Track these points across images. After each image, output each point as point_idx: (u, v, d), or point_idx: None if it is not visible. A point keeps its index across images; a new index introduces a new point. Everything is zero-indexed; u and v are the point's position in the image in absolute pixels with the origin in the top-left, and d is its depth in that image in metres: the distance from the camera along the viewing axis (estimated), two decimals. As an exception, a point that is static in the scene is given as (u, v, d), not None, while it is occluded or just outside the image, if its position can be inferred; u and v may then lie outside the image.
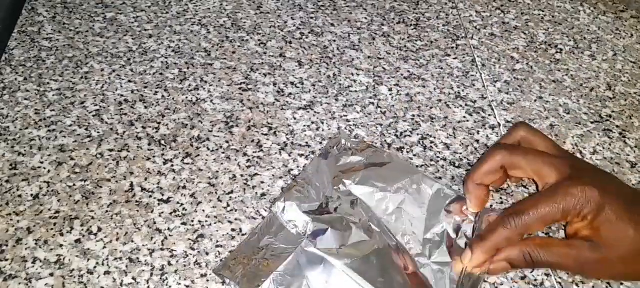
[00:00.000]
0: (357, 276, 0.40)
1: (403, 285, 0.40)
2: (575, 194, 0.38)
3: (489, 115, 0.54)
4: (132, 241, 0.42)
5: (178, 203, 0.45)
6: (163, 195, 0.46)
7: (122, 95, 0.54)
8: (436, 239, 0.43)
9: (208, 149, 0.49)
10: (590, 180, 0.38)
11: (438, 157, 0.50)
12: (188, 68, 0.57)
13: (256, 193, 0.46)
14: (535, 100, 0.56)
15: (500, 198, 0.47)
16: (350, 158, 0.48)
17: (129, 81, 0.55)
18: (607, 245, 0.38)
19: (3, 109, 0.52)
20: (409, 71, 0.58)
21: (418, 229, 0.43)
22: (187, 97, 0.54)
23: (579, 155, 0.51)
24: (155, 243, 0.42)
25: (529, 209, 0.38)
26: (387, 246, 0.42)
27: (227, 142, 0.50)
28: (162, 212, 0.44)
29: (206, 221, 0.44)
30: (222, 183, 0.47)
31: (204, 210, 0.45)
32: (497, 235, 0.39)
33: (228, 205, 0.45)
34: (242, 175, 0.47)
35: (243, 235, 0.43)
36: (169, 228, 0.43)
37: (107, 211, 0.44)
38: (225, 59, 0.58)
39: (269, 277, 0.40)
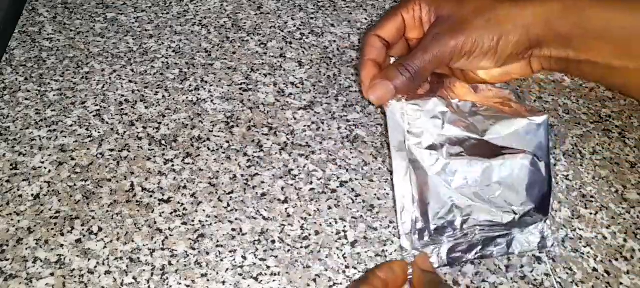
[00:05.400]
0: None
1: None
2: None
3: (489, 115, 0.54)
4: (133, 241, 0.43)
5: (178, 203, 0.45)
6: (163, 195, 0.46)
7: (122, 95, 0.54)
8: None
9: (208, 149, 0.49)
10: None
11: (438, 157, 0.50)
12: (188, 68, 0.57)
13: (256, 193, 0.46)
14: (535, 100, 0.56)
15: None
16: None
17: (130, 81, 0.55)
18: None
19: (4, 108, 0.52)
20: (409, 71, 0.58)
21: None
22: (187, 97, 0.54)
23: (578, 155, 0.51)
24: (155, 243, 0.42)
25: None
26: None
27: (227, 142, 0.50)
28: (163, 212, 0.44)
29: (206, 221, 0.44)
30: (223, 183, 0.47)
31: (204, 210, 0.45)
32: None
33: (228, 205, 0.45)
34: (242, 175, 0.47)
35: (243, 234, 0.43)
36: (169, 228, 0.43)
37: (107, 211, 0.44)
38: (225, 59, 0.58)
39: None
